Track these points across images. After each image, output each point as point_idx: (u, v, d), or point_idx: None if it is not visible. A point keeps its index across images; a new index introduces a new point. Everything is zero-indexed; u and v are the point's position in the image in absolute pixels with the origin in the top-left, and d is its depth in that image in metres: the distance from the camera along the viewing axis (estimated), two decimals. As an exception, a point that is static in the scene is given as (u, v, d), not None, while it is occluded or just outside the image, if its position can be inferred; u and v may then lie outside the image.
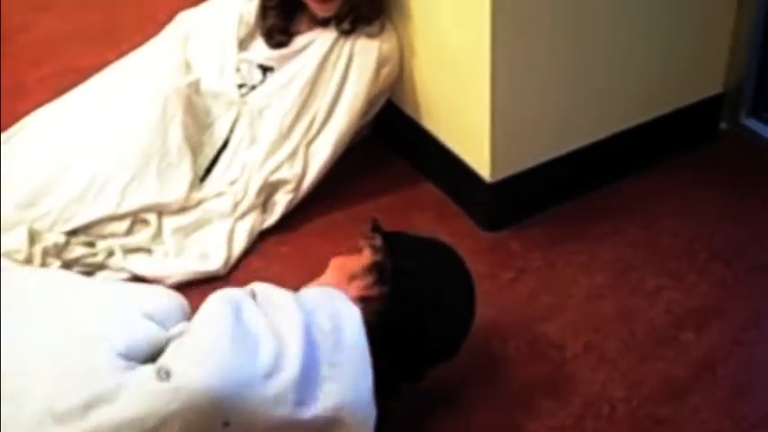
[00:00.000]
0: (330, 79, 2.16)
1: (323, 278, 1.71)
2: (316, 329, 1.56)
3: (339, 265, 1.72)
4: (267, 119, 2.18)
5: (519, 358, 1.82)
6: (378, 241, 1.71)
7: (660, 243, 2.05)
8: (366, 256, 1.70)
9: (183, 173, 2.11)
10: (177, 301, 1.72)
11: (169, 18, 2.43)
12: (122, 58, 2.39)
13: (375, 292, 1.66)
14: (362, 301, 1.65)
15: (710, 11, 2.12)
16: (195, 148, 2.15)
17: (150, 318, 1.59)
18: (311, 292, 1.65)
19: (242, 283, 1.99)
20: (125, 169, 2.09)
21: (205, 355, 1.48)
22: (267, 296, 1.63)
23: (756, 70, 2.21)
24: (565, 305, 1.94)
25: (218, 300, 1.59)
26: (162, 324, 1.60)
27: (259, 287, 1.65)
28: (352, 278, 1.68)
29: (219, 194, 2.12)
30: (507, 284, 1.98)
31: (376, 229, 1.75)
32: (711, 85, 2.22)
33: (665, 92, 2.16)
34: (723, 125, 2.27)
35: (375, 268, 1.67)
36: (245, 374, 1.47)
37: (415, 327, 1.65)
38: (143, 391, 1.44)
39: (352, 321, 1.59)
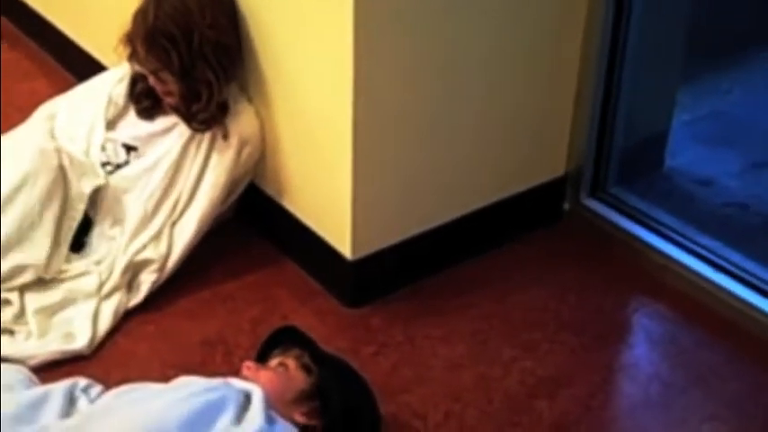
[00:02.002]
0: (193, 162, 2.20)
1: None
2: None
3: (272, 383, 1.75)
4: (132, 200, 2.20)
5: (383, 429, 1.87)
6: (307, 359, 1.79)
7: (514, 315, 2.16)
8: (300, 379, 1.77)
9: (44, 233, 2.09)
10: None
11: (34, 105, 2.43)
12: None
13: (315, 422, 1.75)
14: (300, 427, 1.72)
15: (551, 100, 2.29)
16: (59, 215, 2.14)
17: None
18: None
19: (107, 362, 2.01)
20: None
21: None
22: None
23: (594, 154, 2.38)
24: (425, 377, 2.01)
25: None
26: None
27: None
28: (292, 402, 1.74)
29: (84, 274, 2.12)
30: (369, 359, 2.04)
31: (297, 340, 1.83)
32: (554, 169, 2.38)
33: (513, 175, 2.30)
34: (566, 205, 2.43)
35: (318, 396, 1.75)
36: None
37: None
38: None
39: None
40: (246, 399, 1.68)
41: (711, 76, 2.91)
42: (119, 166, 2.25)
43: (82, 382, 1.81)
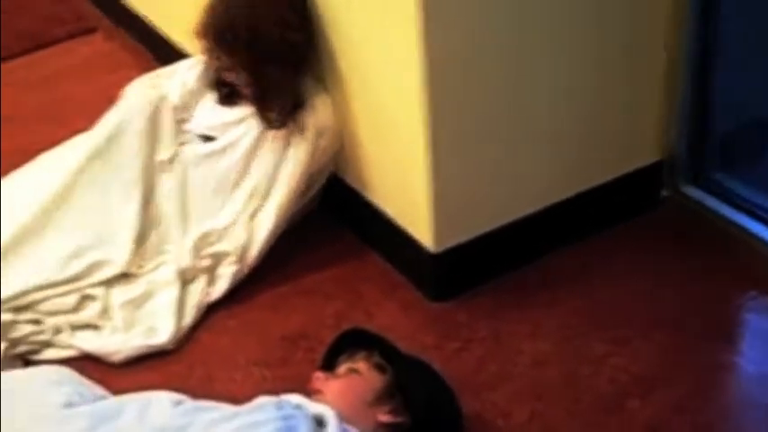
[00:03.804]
0: (268, 152, 2.18)
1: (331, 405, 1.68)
2: None
3: (347, 391, 1.72)
4: (197, 179, 2.20)
5: (467, 427, 1.81)
6: (377, 358, 1.76)
7: (604, 310, 2.07)
8: (376, 379, 1.74)
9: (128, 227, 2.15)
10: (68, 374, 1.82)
11: (119, 93, 2.45)
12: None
13: (402, 419, 1.71)
14: (386, 427, 1.69)
15: (641, 82, 2.17)
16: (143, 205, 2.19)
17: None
18: None
19: (191, 357, 2.02)
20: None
21: None
22: None
23: (688, 140, 2.24)
24: (511, 373, 1.95)
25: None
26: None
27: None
28: (372, 403, 1.71)
29: (160, 264, 2.14)
30: (454, 354, 1.99)
31: (364, 341, 1.79)
32: (648, 154, 2.26)
33: (604, 161, 2.20)
34: (664, 192, 2.31)
35: (397, 392, 1.72)
36: None
37: None
38: None
39: None
40: (319, 423, 1.63)
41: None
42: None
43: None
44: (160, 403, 1.71)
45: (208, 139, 2.26)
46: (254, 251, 2.15)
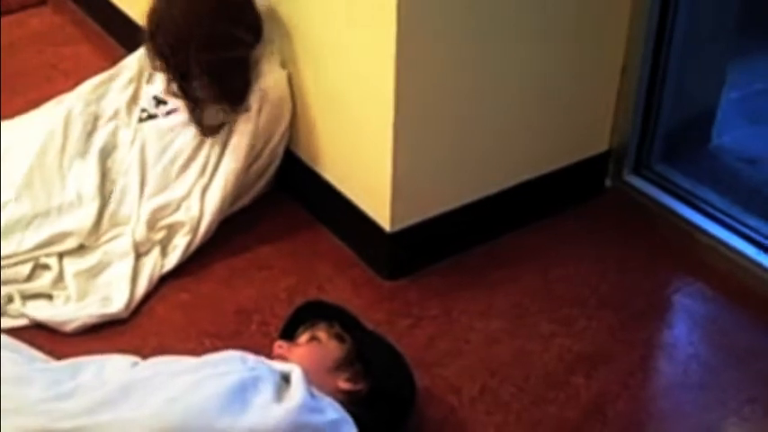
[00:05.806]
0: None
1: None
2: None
3: (309, 357, 1.75)
4: (158, 154, 2.22)
5: (418, 403, 1.85)
6: (338, 329, 1.79)
7: (553, 291, 2.14)
8: (337, 347, 1.77)
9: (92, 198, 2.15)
10: None
11: (73, 66, 2.44)
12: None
13: (360, 386, 1.74)
14: (344, 393, 1.71)
15: (597, 73, 2.25)
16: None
17: None
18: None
19: (144, 328, 2.02)
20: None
21: None
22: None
23: (639, 131, 2.34)
24: (462, 350, 2.00)
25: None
26: None
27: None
28: (332, 370, 1.74)
29: (117, 236, 2.14)
30: (405, 331, 2.03)
31: (321, 315, 1.82)
32: (597, 144, 2.34)
33: (555, 149, 2.27)
34: (608, 182, 2.39)
35: (357, 360, 1.75)
36: None
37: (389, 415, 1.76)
38: None
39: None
40: (284, 379, 1.65)
41: (761, 52, 2.85)
42: (150, 117, 2.29)
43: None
44: (117, 363, 1.72)
45: (160, 102, 2.29)
46: (205, 223, 2.17)
